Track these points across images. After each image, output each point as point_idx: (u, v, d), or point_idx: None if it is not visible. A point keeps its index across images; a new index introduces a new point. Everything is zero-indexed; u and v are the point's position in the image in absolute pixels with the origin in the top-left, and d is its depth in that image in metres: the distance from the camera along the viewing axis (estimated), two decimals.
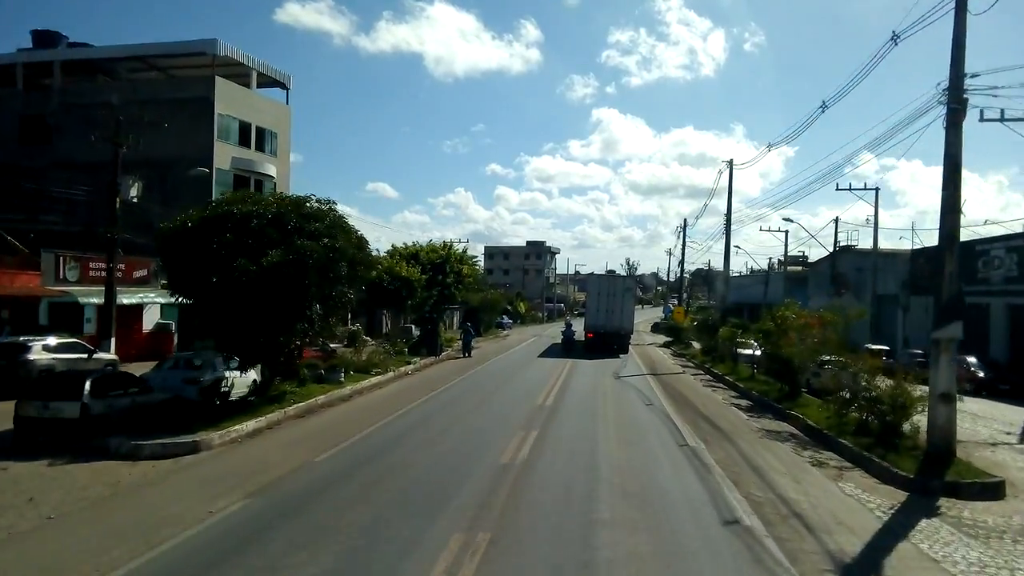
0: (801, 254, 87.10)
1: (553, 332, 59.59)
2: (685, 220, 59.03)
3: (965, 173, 13.45)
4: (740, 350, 31.71)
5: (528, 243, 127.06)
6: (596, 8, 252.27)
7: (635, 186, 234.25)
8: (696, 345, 44.93)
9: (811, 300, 57.65)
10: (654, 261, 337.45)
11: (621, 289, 42.25)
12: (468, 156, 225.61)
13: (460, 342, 36.92)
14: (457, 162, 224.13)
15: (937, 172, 13.51)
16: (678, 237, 59.30)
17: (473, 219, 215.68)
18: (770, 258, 56.17)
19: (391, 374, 25.16)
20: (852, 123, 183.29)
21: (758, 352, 27.93)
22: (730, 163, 34.00)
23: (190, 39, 38.72)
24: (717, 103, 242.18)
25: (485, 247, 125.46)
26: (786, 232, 56.00)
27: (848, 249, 50.18)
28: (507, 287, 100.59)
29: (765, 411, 20.14)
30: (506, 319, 66.36)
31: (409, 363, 28.20)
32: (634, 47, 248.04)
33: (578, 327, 46.18)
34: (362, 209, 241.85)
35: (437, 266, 34.10)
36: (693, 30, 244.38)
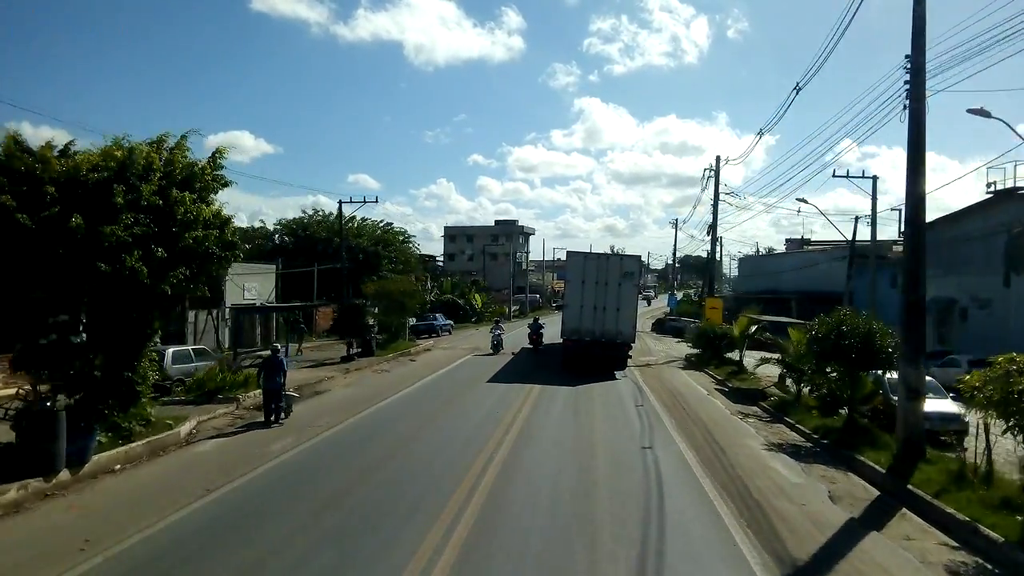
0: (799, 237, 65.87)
1: (508, 338, 38.20)
2: (718, 158, 37.29)
3: None
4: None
5: (497, 223, 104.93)
6: None
7: (618, 175, 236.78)
8: (766, 374, 23.33)
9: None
10: (638, 252, 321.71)
11: (617, 275, 26.33)
12: (450, 146, 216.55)
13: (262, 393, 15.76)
14: (439, 152, 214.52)
15: None
16: (703, 189, 37.85)
17: (455, 210, 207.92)
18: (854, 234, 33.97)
19: None
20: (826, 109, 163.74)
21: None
22: None
23: None
24: (700, 91, 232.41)
25: (446, 228, 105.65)
26: (874, 178, 33.74)
27: (1012, 193, 28.62)
28: (472, 275, 79.72)
29: None
30: (439, 319, 43.80)
31: None
32: (616, 35, 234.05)
33: (552, 328, 33.49)
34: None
35: (94, 190, 11.49)
36: (676, 17, 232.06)
